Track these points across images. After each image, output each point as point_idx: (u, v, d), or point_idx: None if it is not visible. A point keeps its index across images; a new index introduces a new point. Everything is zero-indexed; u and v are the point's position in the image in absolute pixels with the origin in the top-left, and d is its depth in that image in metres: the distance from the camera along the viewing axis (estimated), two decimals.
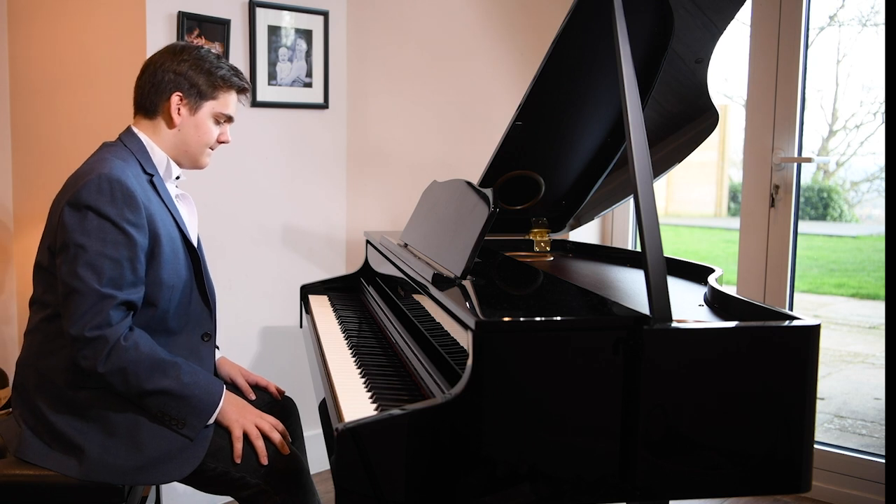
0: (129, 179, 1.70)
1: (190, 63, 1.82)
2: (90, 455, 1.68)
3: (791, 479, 1.47)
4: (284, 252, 3.02)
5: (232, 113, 1.90)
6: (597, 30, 1.87)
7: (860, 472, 2.79)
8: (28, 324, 1.82)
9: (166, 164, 1.85)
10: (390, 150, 3.15)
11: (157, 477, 1.70)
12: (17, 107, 3.01)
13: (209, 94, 1.84)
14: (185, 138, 1.85)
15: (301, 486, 1.78)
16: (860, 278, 7.32)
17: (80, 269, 1.63)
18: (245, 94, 1.93)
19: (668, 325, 1.42)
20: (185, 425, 1.69)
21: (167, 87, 1.81)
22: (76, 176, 1.75)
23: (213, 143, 1.89)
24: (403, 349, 1.87)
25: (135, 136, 1.84)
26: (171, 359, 1.71)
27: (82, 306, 1.63)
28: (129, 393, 1.67)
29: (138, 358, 1.65)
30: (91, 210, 1.65)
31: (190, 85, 1.82)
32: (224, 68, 1.86)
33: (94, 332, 1.62)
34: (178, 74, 1.81)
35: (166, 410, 1.69)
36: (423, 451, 1.34)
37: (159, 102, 1.83)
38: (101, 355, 1.62)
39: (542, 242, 2.52)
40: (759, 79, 2.81)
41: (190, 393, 1.69)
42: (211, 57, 1.86)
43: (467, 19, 3.01)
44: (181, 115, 1.83)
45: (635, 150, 1.53)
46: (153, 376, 1.66)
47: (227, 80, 1.86)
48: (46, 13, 2.87)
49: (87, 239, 1.64)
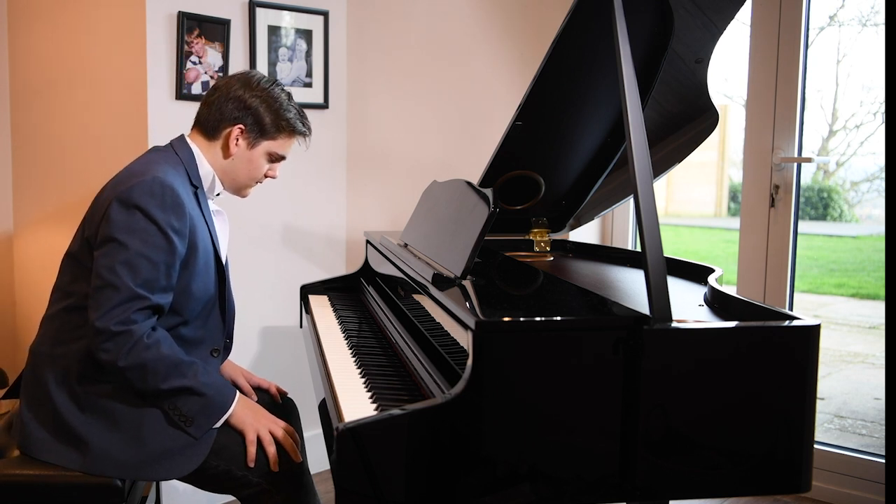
0: (179, 187, 1.72)
1: (261, 99, 1.83)
2: (93, 449, 1.68)
3: (791, 479, 1.47)
4: (284, 252, 3.02)
5: (287, 154, 1.92)
6: (597, 30, 1.87)
7: (860, 472, 2.79)
8: (48, 309, 1.82)
9: (212, 180, 1.87)
10: (390, 150, 3.15)
11: (159, 473, 1.70)
12: (17, 107, 3.01)
13: (270, 134, 1.86)
14: (235, 168, 1.87)
15: (302, 485, 1.78)
16: (860, 278, 7.32)
17: (118, 266, 1.64)
18: (305, 139, 1.94)
19: (668, 325, 1.42)
20: (193, 424, 1.70)
21: (232, 116, 1.83)
22: (128, 173, 1.75)
23: (261, 177, 1.92)
24: (403, 349, 1.88)
25: (187, 146, 1.85)
26: (188, 360, 1.72)
27: (113, 300, 1.64)
28: (145, 389, 1.68)
29: (158, 356, 1.66)
30: (139, 210, 1.66)
31: (255, 121, 1.83)
32: (292, 111, 1.87)
33: (119, 327, 1.63)
34: (247, 108, 1.82)
35: (178, 407, 1.70)
36: (423, 451, 1.34)
37: (220, 128, 1.84)
38: (124, 350, 1.64)
39: (542, 242, 2.52)
40: (759, 79, 2.81)
41: (204, 393, 1.71)
42: (283, 97, 1.87)
43: (467, 19, 3.01)
44: (238, 146, 1.84)
45: (635, 150, 1.53)
46: (171, 375, 1.67)
47: (292, 124, 1.87)
48: (46, 13, 2.87)
49: (130, 237, 1.65)
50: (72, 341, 1.74)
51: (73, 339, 1.74)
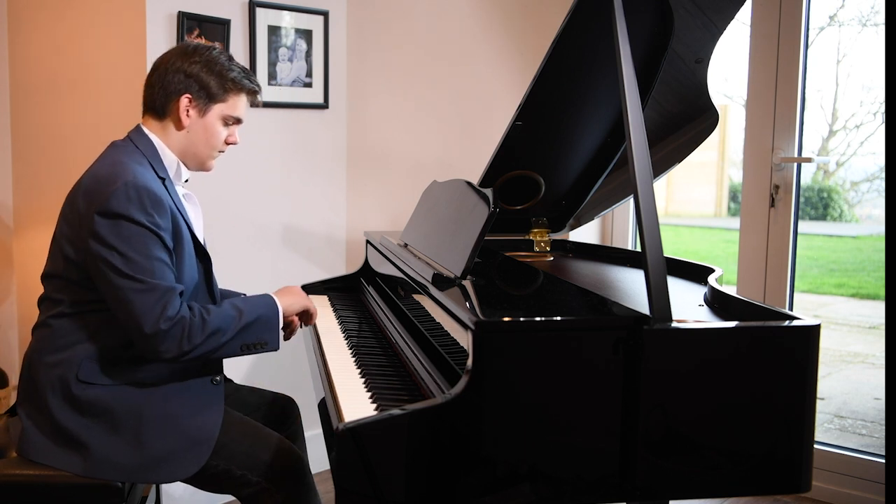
0: (152, 184, 1.70)
1: (201, 65, 1.81)
2: (94, 453, 1.68)
3: (791, 479, 1.47)
4: (284, 252, 3.02)
5: (241, 115, 1.88)
6: (597, 30, 1.87)
7: (860, 472, 2.79)
8: (38, 318, 1.82)
9: (176, 167, 1.85)
10: (390, 150, 3.15)
11: (160, 476, 1.70)
12: (17, 107, 3.01)
13: (219, 97, 1.83)
14: (193, 140, 1.84)
15: (302, 484, 1.78)
16: (860, 278, 7.32)
17: (136, 275, 1.64)
18: (255, 97, 1.92)
19: (668, 325, 1.42)
20: (267, 343, 1.77)
21: (177, 88, 1.80)
22: (96, 179, 1.72)
23: (221, 145, 1.89)
24: (403, 349, 1.88)
25: (145, 137, 1.83)
26: (223, 309, 1.74)
27: (149, 303, 1.63)
28: (215, 353, 1.72)
29: (209, 321, 1.69)
30: (123, 218, 1.65)
31: (200, 87, 1.80)
32: (235, 70, 1.85)
33: (168, 323, 1.63)
34: (189, 76, 1.80)
35: (247, 343, 1.75)
36: (423, 451, 1.34)
37: (168, 103, 1.81)
38: (184, 339, 1.65)
39: (542, 242, 2.52)
40: (759, 79, 2.81)
41: (255, 318, 1.75)
42: (222, 59, 1.84)
43: (467, 19, 3.01)
44: (190, 116, 1.81)
45: (635, 150, 1.53)
46: (227, 329, 1.70)
47: (238, 82, 1.84)
48: (46, 13, 2.87)
49: (127, 246, 1.65)
50: (65, 348, 1.73)
51: (66, 347, 1.73)
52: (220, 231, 2.81)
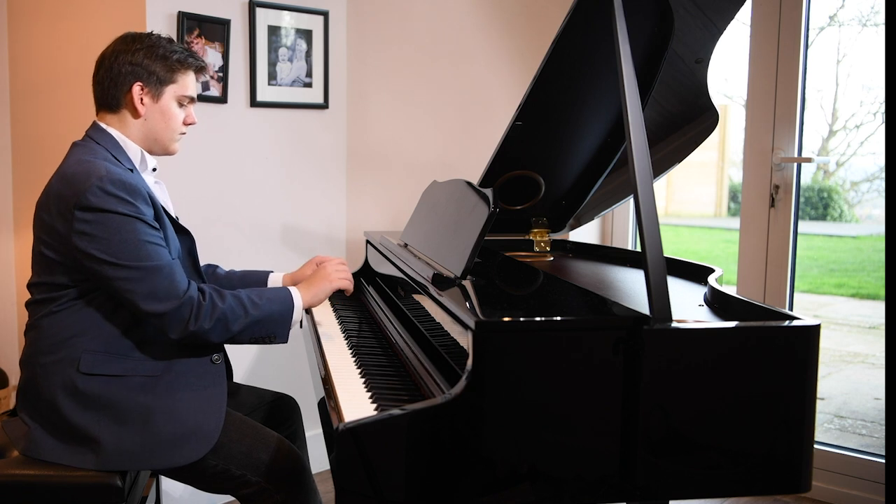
0: (125, 175, 1.71)
1: (144, 52, 1.82)
2: (105, 445, 1.69)
3: (791, 479, 1.47)
4: (284, 252, 3.02)
5: (193, 94, 1.90)
6: (597, 30, 1.87)
7: (860, 472, 2.79)
8: (28, 321, 1.82)
9: (141, 157, 1.86)
10: (390, 150, 3.15)
11: (174, 458, 1.71)
12: (17, 107, 3.01)
13: (168, 79, 1.84)
14: (152, 126, 1.85)
15: (302, 484, 1.78)
16: (860, 278, 7.31)
17: (137, 263, 1.66)
18: (203, 73, 1.94)
19: (668, 325, 1.42)
20: (276, 338, 1.80)
21: (126, 78, 1.81)
22: (65, 181, 1.71)
23: (181, 126, 1.90)
24: (403, 349, 1.88)
25: (105, 132, 1.83)
26: (239, 298, 1.76)
27: (159, 282, 1.67)
28: (222, 340, 1.74)
29: (219, 307, 1.71)
30: (103, 211, 1.66)
31: (148, 73, 1.82)
32: (178, 51, 1.86)
33: (176, 301, 1.67)
34: (135, 65, 1.81)
35: (256, 336, 1.77)
36: (423, 451, 1.34)
37: (121, 95, 1.82)
38: (191, 319, 1.68)
39: (542, 242, 2.52)
40: (759, 79, 2.81)
41: (268, 314, 1.77)
42: (163, 42, 1.86)
43: (467, 19, 3.01)
44: (145, 104, 1.83)
45: (635, 150, 1.53)
46: (237, 319, 1.73)
47: (184, 61, 1.86)
48: (46, 13, 2.87)
49: (118, 237, 1.66)
50: (60, 346, 1.73)
51: (61, 344, 1.73)
52: (220, 231, 2.81)
